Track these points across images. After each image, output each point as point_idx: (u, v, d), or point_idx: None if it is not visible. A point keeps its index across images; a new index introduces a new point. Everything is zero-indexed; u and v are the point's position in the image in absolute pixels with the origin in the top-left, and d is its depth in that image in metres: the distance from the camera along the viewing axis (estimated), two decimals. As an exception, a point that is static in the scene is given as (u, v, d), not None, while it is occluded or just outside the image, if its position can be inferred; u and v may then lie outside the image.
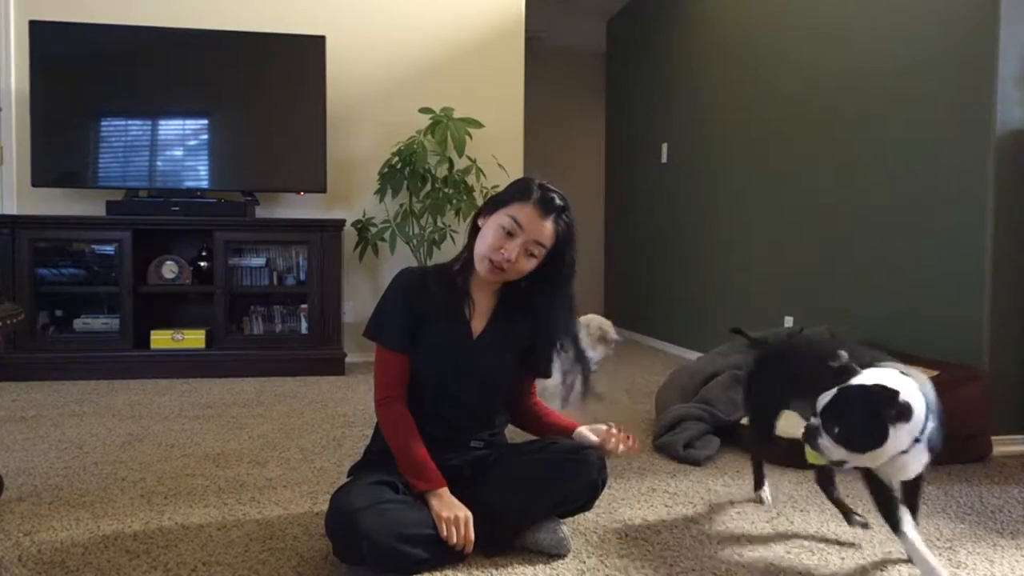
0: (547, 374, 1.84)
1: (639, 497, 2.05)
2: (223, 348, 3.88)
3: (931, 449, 1.47)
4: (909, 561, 1.60)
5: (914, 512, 1.58)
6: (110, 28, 3.88)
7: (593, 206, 6.86)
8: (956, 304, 2.63)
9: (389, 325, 1.69)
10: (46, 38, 3.79)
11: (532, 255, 1.66)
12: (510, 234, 1.63)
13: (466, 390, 1.71)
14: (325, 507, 1.59)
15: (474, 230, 1.72)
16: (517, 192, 1.67)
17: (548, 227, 1.65)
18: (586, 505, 1.72)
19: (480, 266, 1.67)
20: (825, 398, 1.48)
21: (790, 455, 2.34)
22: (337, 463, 2.32)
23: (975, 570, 1.62)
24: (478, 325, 1.73)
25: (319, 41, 4.03)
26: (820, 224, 3.39)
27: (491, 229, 1.66)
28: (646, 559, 1.64)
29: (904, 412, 1.40)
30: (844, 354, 1.55)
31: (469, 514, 1.58)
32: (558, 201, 1.66)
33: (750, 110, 3.98)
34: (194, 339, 3.85)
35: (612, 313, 5.65)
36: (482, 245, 1.66)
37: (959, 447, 2.41)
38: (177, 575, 1.53)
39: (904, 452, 1.44)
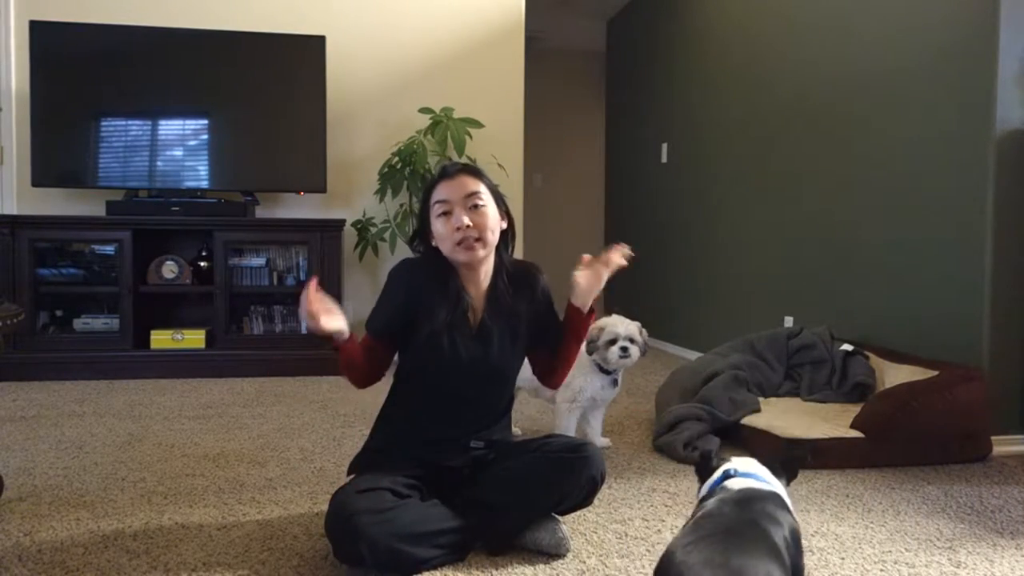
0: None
1: (639, 497, 2.05)
2: (223, 348, 3.87)
3: None
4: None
5: None
6: (110, 28, 3.88)
7: (593, 206, 6.87)
8: (956, 304, 2.63)
9: (375, 317, 1.74)
10: (46, 38, 3.79)
11: (478, 206, 1.67)
12: (448, 212, 1.66)
13: (469, 385, 1.71)
14: (325, 507, 1.59)
15: (430, 250, 1.74)
16: (424, 195, 1.74)
17: (464, 179, 1.69)
18: (586, 500, 1.71)
19: (460, 255, 1.67)
20: None
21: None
22: (337, 463, 2.32)
23: (975, 570, 1.62)
24: (477, 318, 1.73)
25: (319, 41, 4.03)
26: (820, 224, 3.39)
27: (435, 229, 1.69)
28: (646, 559, 1.64)
29: None
30: None
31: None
32: (451, 165, 1.73)
33: (750, 110, 3.98)
34: (194, 339, 3.85)
35: (612, 313, 5.65)
36: (444, 242, 1.68)
37: (959, 447, 2.41)
38: (177, 575, 1.53)
39: None
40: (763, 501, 1.29)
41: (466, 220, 1.64)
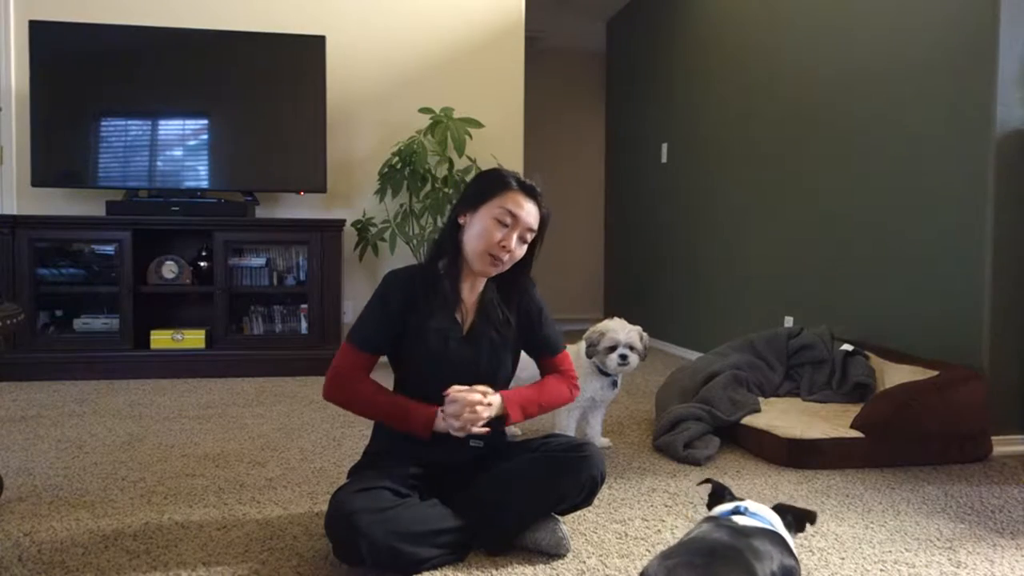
0: (559, 347, 1.84)
1: (639, 497, 2.05)
2: (223, 348, 3.87)
3: None
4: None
5: None
6: (110, 28, 3.88)
7: (593, 206, 6.87)
8: (956, 304, 2.63)
9: (364, 328, 1.70)
10: (46, 38, 3.79)
11: (524, 241, 1.70)
12: (505, 225, 1.66)
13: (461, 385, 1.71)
14: (325, 507, 1.59)
15: (454, 228, 1.73)
16: (496, 183, 1.69)
17: (535, 211, 1.69)
18: (586, 500, 1.71)
19: (479, 262, 1.68)
20: None
21: (791, 455, 2.35)
22: (337, 463, 2.32)
23: (975, 570, 1.62)
24: (468, 321, 1.73)
25: (319, 41, 4.03)
26: (820, 224, 3.39)
27: (483, 224, 1.66)
28: (646, 559, 1.64)
29: None
30: None
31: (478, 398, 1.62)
32: (535, 185, 1.72)
33: (750, 110, 3.98)
34: (194, 339, 3.85)
35: (612, 314, 5.65)
36: (478, 241, 1.66)
37: (959, 447, 2.41)
38: (177, 575, 1.53)
39: None
40: (756, 536, 1.29)
41: (514, 246, 1.67)
